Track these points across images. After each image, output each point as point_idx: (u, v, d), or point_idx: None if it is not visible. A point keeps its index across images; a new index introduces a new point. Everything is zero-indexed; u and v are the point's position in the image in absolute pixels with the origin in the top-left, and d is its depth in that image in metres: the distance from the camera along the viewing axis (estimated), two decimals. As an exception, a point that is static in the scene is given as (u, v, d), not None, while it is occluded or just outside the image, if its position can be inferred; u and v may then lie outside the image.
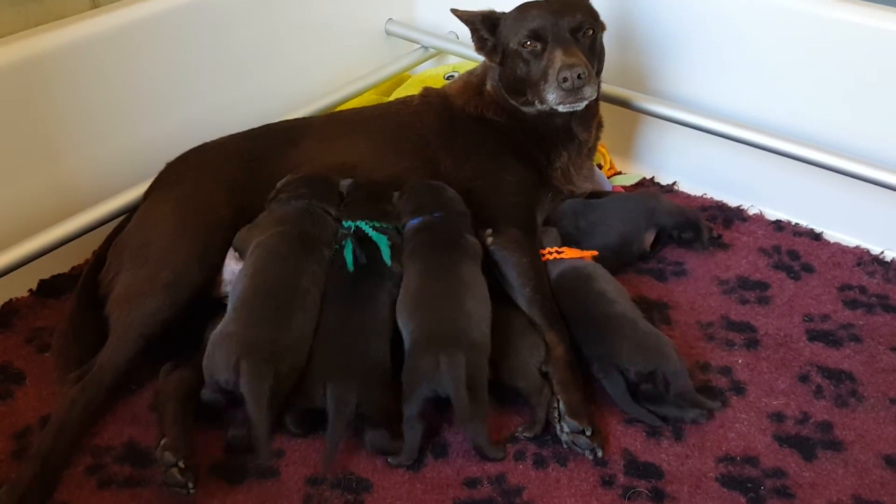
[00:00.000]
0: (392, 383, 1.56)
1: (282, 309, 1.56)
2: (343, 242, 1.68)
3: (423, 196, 1.79)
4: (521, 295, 1.73)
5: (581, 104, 1.83)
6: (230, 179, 1.87)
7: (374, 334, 1.59)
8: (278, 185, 1.81)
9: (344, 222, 1.73)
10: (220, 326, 1.55)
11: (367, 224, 1.70)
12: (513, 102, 1.93)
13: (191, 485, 1.44)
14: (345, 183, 1.83)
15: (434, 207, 1.76)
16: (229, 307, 1.59)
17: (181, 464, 1.44)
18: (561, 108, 1.83)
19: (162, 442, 1.48)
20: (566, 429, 1.53)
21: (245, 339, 1.50)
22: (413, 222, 1.76)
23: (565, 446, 1.54)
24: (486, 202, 1.85)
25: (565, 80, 1.75)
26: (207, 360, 1.52)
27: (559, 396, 1.57)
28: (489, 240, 1.79)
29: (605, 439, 1.56)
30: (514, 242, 1.78)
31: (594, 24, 1.88)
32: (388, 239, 1.69)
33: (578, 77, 1.75)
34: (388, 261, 1.65)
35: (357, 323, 1.60)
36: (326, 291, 1.64)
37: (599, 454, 1.52)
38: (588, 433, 1.52)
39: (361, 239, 1.69)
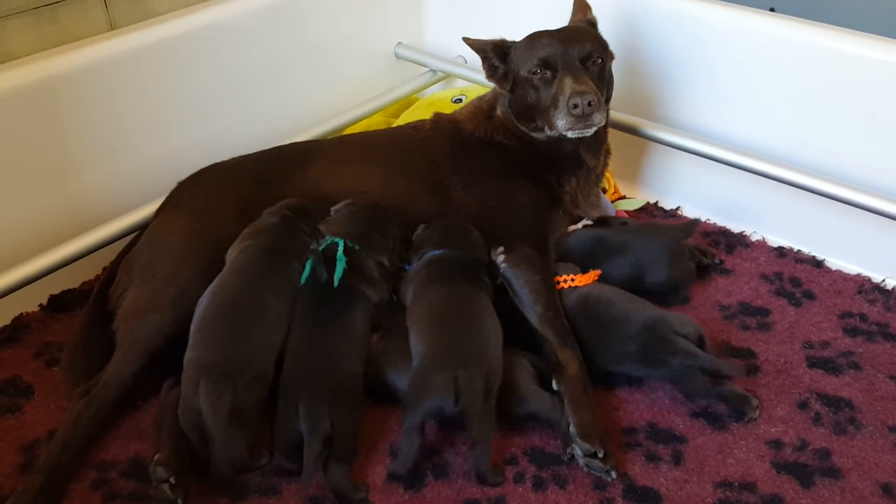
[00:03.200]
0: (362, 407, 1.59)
1: (238, 325, 1.58)
2: (309, 256, 1.69)
3: (449, 231, 1.81)
4: (533, 312, 1.74)
5: (590, 130, 1.85)
6: (239, 199, 1.89)
7: (346, 354, 1.60)
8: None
9: (327, 236, 1.74)
10: (186, 353, 1.57)
11: (343, 242, 1.69)
12: (522, 128, 1.96)
13: (180, 501, 1.45)
14: (339, 204, 1.84)
15: (457, 244, 1.78)
16: (192, 329, 1.60)
17: (172, 480, 1.45)
18: (570, 135, 1.85)
19: (156, 457, 1.49)
20: (579, 451, 1.54)
21: (202, 360, 1.53)
22: (434, 253, 1.77)
23: (585, 469, 1.55)
24: (498, 222, 1.87)
25: (576, 106, 1.78)
26: (182, 400, 1.53)
27: (570, 418, 1.57)
28: (500, 257, 1.80)
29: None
30: (526, 260, 1.79)
31: (603, 52, 1.91)
32: (364, 268, 1.70)
33: (589, 104, 1.78)
34: (335, 282, 1.64)
35: (327, 342, 1.60)
36: (297, 311, 1.65)
37: (614, 476, 1.53)
38: (600, 455, 1.53)
39: (331, 258, 1.69)
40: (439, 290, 1.68)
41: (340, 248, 1.68)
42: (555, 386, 1.63)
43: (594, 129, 1.85)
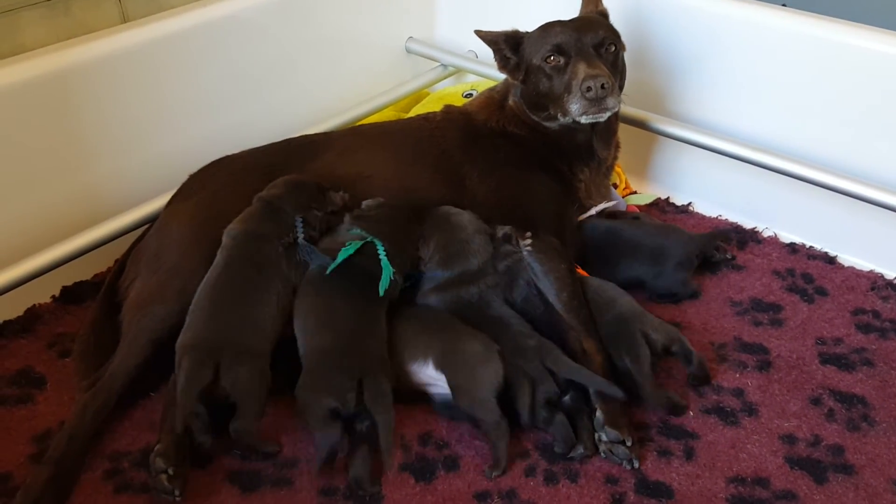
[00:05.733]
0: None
1: (220, 305, 1.60)
2: (346, 244, 1.69)
3: (452, 248, 1.78)
4: (559, 301, 1.74)
5: (604, 115, 1.85)
6: (248, 191, 1.88)
7: (379, 340, 1.63)
8: None
9: (360, 232, 1.73)
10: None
11: (381, 246, 1.70)
12: (534, 118, 1.96)
13: (177, 492, 1.45)
14: (371, 200, 1.84)
15: (461, 264, 1.76)
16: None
17: (171, 471, 1.46)
18: (584, 120, 1.85)
19: (156, 447, 1.50)
20: (604, 438, 1.55)
21: (186, 341, 1.57)
22: (449, 275, 1.76)
23: (602, 455, 1.56)
24: (517, 213, 1.86)
25: (589, 89, 1.78)
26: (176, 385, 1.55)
27: (598, 406, 1.57)
28: (527, 241, 1.79)
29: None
30: (553, 249, 1.79)
31: (616, 40, 1.91)
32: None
33: (602, 87, 1.77)
34: (381, 292, 1.65)
35: (366, 325, 1.63)
36: (335, 299, 1.66)
37: (636, 465, 1.54)
38: (628, 444, 1.54)
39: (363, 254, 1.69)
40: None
41: (383, 255, 1.69)
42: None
43: (608, 113, 1.84)
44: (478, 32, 2.00)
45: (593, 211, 1.99)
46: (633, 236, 1.96)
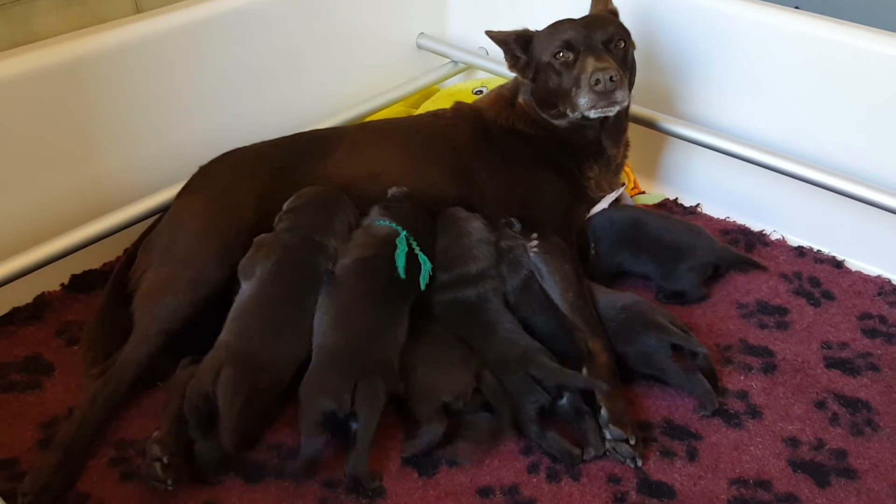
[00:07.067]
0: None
1: (274, 321, 1.60)
2: (397, 242, 1.70)
3: (454, 251, 1.79)
4: (564, 301, 1.74)
5: (613, 109, 1.85)
6: (258, 185, 1.90)
7: (396, 342, 1.63)
8: (284, 206, 1.81)
9: (391, 224, 1.75)
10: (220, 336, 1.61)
11: (413, 240, 1.72)
12: (544, 116, 1.96)
13: (170, 481, 1.44)
14: (397, 190, 1.85)
15: (463, 265, 1.77)
16: (229, 317, 1.63)
17: (165, 459, 1.45)
18: (592, 114, 1.85)
19: (154, 434, 1.49)
20: (608, 436, 1.55)
21: (233, 347, 1.56)
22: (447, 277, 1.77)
23: (607, 454, 1.56)
24: (524, 210, 1.88)
25: (598, 81, 1.78)
26: (196, 378, 1.55)
27: (602, 404, 1.58)
28: (534, 243, 1.80)
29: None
30: (558, 249, 1.80)
31: (626, 37, 1.92)
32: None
33: (611, 79, 1.77)
34: (422, 286, 1.68)
35: (384, 327, 1.63)
36: (357, 297, 1.67)
37: (640, 463, 1.54)
38: (632, 442, 1.54)
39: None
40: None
41: (417, 248, 1.71)
42: (584, 374, 1.64)
43: (617, 107, 1.84)
44: (488, 33, 2.01)
45: (603, 203, 1.99)
46: (657, 231, 1.97)
